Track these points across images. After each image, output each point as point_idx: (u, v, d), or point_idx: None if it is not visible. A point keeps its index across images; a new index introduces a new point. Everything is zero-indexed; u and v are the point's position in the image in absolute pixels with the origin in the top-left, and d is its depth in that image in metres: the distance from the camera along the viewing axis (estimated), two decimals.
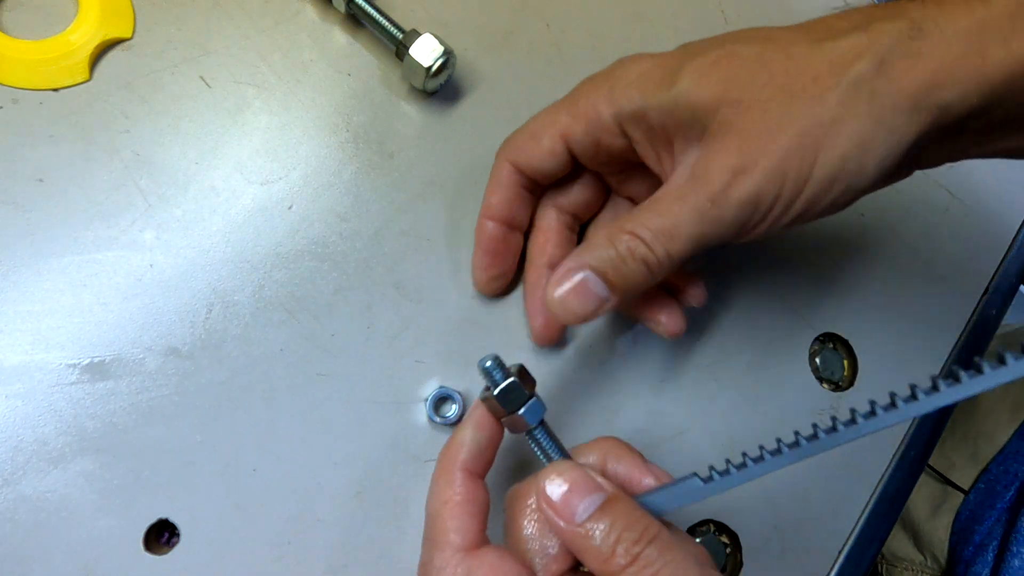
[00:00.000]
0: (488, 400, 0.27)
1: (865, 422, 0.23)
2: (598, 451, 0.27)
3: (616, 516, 0.24)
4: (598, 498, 0.24)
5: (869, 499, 0.37)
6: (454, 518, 0.25)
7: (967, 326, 0.42)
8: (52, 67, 0.33)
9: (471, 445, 0.27)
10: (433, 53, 0.35)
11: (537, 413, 0.26)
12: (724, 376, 0.37)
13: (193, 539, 0.29)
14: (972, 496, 0.52)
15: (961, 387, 0.21)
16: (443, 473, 0.26)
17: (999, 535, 0.46)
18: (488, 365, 0.26)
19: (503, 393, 0.26)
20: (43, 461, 0.29)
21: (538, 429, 0.27)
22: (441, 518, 0.25)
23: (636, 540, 0.23)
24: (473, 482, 0.26)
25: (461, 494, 0.26)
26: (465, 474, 0.26)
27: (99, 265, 0.31)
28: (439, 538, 0.25)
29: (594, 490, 0.24)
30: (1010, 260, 0.44)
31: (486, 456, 0.27)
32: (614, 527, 0.23)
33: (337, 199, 0.35)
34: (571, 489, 0.24)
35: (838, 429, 0.23)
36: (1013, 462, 0.50)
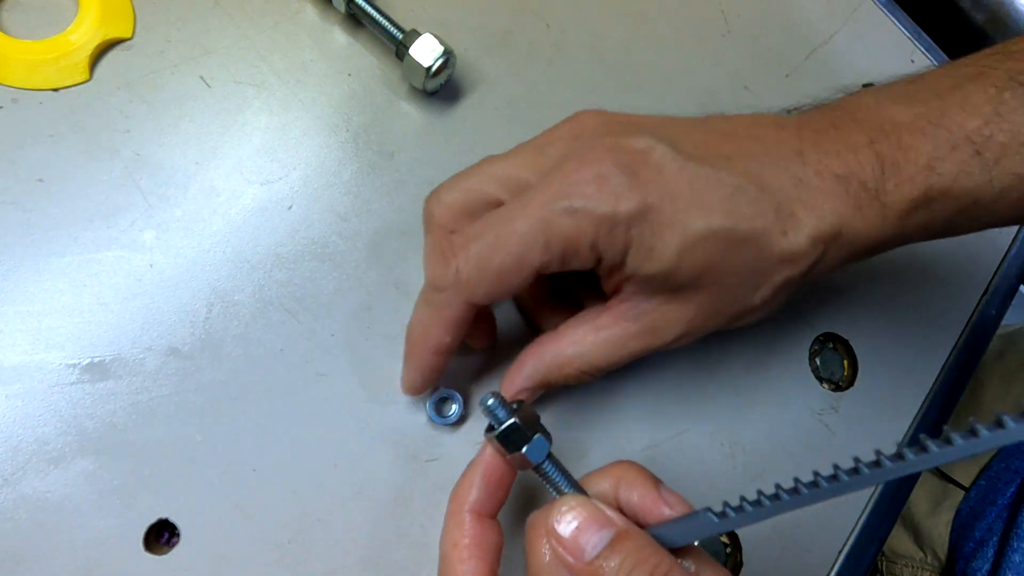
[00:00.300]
0: (492, 440, 0.27)
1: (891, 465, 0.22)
2: (611, 478, 0.27)
3: (627, 553, 0.23)
4: (608, 534, 0.24)
5: (869, 499, 0.37)
6: (462, 561, 0.25)
7: (967, 326, 0.42)
8: (52, 67, 0.33)
9: (480, 486, 0.27)
10: (433, 53, 0.35)
11: (541, 450, 0.26)
12: (724, 376, 0.37)
13: (193, 539, 0.29)
14: (973, 493, 0.52)
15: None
16: (452, 515, 0.27)
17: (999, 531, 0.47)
18: (490, 404, 0.26)
19: (504, 435, 0.26)
20: (43, 461, 0.29)
21: (545, 463, 0.26)
22: (451, 561, 0.26)
23: (651, 573, 0.23)
24: (482, 524, 0.26)
25: (470, 537, 0.26)
26: (473, 516, 0.26)
27: (99, 265, 0.31)
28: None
29: (604, 525, 0.24)
30: (1010, 260, 0.44)
31: (496, 496, 0.27)
32: (624, 564, 0.23)
33: (337, 199, 0.35)
34: (580, 526, 0.24)
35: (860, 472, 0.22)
36: (1015, 459, 0.50)
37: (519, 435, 0.26)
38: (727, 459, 0.36)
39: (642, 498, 0.26)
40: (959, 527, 0.52)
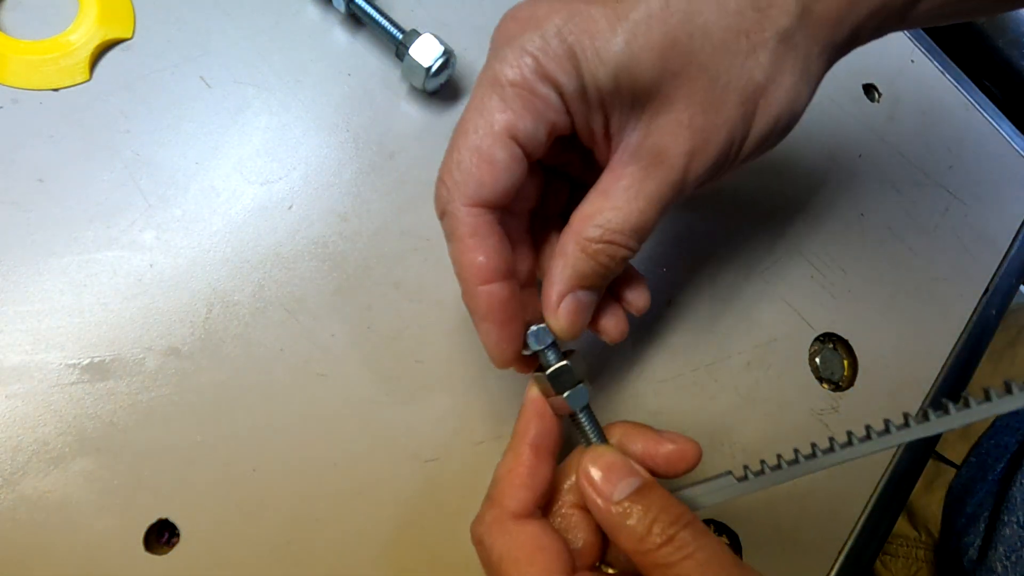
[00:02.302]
0: (540, 379, 0.28)
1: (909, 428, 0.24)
2: (614, 436, 0.29)
3: (652, 499, 0.25)
4: (635, 481, 0.25)
5: (869, 498, 0.37)
6: (512, 486, 0.26)
7: (967, 326, 0.42)
8: (52, 67, 0.33)
9: (536, 422, 0.28)
10: (433, 53, 0.35)
11: (582, 399, 0.28)
12: (724, 376, 0.37)
13: (193, 539, 0.29)
14: (964, 470, 0.52)
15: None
16: (513, 447, 0.28)
17: (990, 506, 0.47)
18: (548, 341, 0.27)
19: (554, 375, 0.27)
20: (43, 461, 0.29)
21: (583, 413, 0.28)
22: (502, 484, 0.27)
23: (672, 522, 0.24)
24: (538, 458, 0.27)
25: (525, 466, 0.27)
26: (532, 450, 0.27)
27: (99, 265, 0.31)
28: (496, 500, 0.27)
29: (632, 474, 0.26)
30: (1010, 260, 0.44)
31: (552, 434, 0.28)
32: (650, 509, 0.24)
33: (337, 199, 0.35)
34: (611, 472, 0.26)
35: (871, 437, 0.24)
36: (1004, 435, 0.51)
37: (567, 379, 0.27)
38: (727, 459, 0.36)
39: (645, 443, 0.28)
40: (951, 504, 0.52)
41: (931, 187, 0.44)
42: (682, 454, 0.27)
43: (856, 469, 0.38)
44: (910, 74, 0.47)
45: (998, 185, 0.45)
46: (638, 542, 0.24)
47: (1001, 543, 0.44)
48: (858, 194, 0.43)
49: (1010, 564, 0.43)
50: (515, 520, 0.26)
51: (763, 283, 0.39)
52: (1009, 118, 0.49)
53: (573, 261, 0.26)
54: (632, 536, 0.24)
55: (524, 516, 0.26)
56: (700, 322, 0.38)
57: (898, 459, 0.39)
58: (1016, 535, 0.43)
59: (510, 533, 0.25)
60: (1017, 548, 0.43)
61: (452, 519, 0.32)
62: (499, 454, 0.32)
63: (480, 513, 0.27)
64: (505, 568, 0.25)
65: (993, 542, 0.44)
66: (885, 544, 0.56)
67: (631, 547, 0.24)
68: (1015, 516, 0.44)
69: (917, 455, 0.39)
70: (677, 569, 0.23)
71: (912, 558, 0.55)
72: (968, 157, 0.45)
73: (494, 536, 0.26)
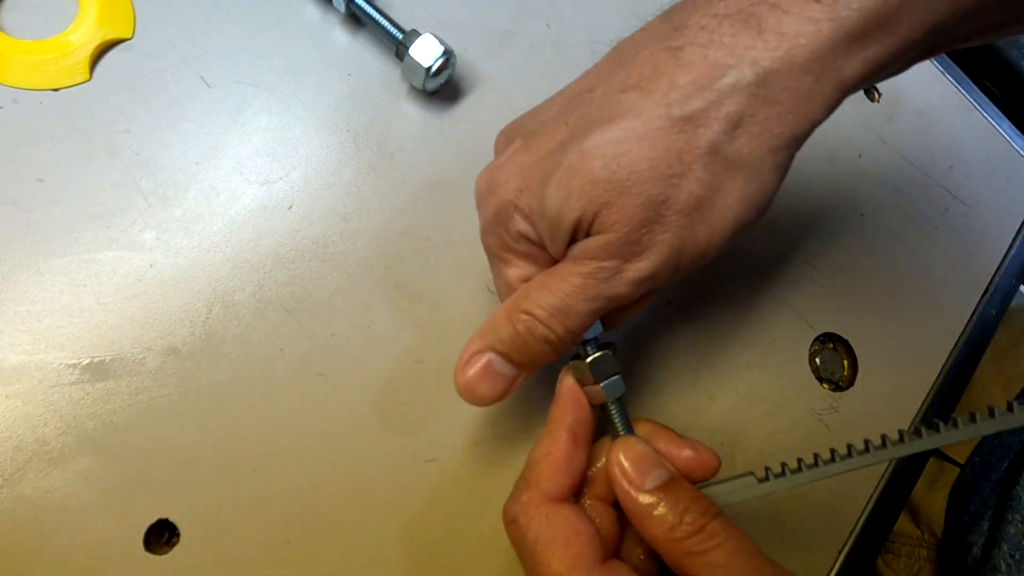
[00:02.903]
0: (577, 366, 0.28)
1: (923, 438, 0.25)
2: (640, 432, 0.29)
3: (682, 491, 0.25)
4: (664, 474, 0.26)
5: (870, 496, 0.37)
6: (550, 469, 0.27)
7: (967, 326, 0.42)
8: (52, 67, 0.33)
9: (573, 408, 0.28)
10: (433, 53, 0.35)
11: (617, 389, 0.28)
12: (724, 376, 0.37)
13: (193, 539, 0.29)
14: (967, 469, 0.52)
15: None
16: (550, 431, 0.28)
17: (994, 505, 0.47)
18: (587, 334, 0.27)
19: (594, 362, 0.28)
20: (43, 461, 0.29)
21: (615, 404, 0.28)
22: (539, 467, 0.27)
23: (702, 513, 0.25)
24: (575, 444, 0.28)
25: (562, 451, 0.27)
26: (570, 435, 0.28)
27: (99, 265, 0.31)
28: (532, 482, 0.27)
29: (661, 466, 0.26)
30: (1010, 260, 0.44)
31: (589, 423, 0.28)
32: (681, 499, 0.25)
33: (337, 199, 0.35)
34: (641, 460, 0.26)
35: (886, 446, 0.26)
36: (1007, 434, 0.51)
37: (605, 368, 0.28)
38: (727, 459, 0.36)
39: (667, 444, 0.28)
40: (954, 503, 0.52)
41: (931, 187, 0.44)
42: (701, 462, 0.28)
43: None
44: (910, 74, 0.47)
45: (998, 185, 0.45)
46: (669, 530, 0.24)
47: (1005, 541, 0.44)
48: (858, 194, 0.43)
49: (1014, 563, 0.42)
50: (551, 503, 0.26)
51: (763, 283, 0.39)
52: (1009, 118, 0.49)
53: (494, 322, 0.27)
54: (663, 524, 0.25)
55: (561, 499, 0.26)
56: (700, 322, 0.38)
57: (898, 460, 0.39)
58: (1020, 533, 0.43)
59: (547, 515, 0.26)
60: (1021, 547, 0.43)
61: (452, 519, 0.32)
62: (499, 454, 0.32)
63: (514, 494, 0.27)
64: (540, 549, 0.25)
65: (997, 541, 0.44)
66: (888, 543, 0.56)
67: (661, 535, 0.25)
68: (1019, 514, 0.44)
69: (917, 456, 0.39)
70: (707, 557, 0.24)
71: (915, 557, 0.55)
72: (968, 157, 0.45)
73: (530, 516, 0.26)
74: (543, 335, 0.26)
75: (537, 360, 0.27)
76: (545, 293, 0.26)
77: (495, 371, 0.27)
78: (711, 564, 0.24)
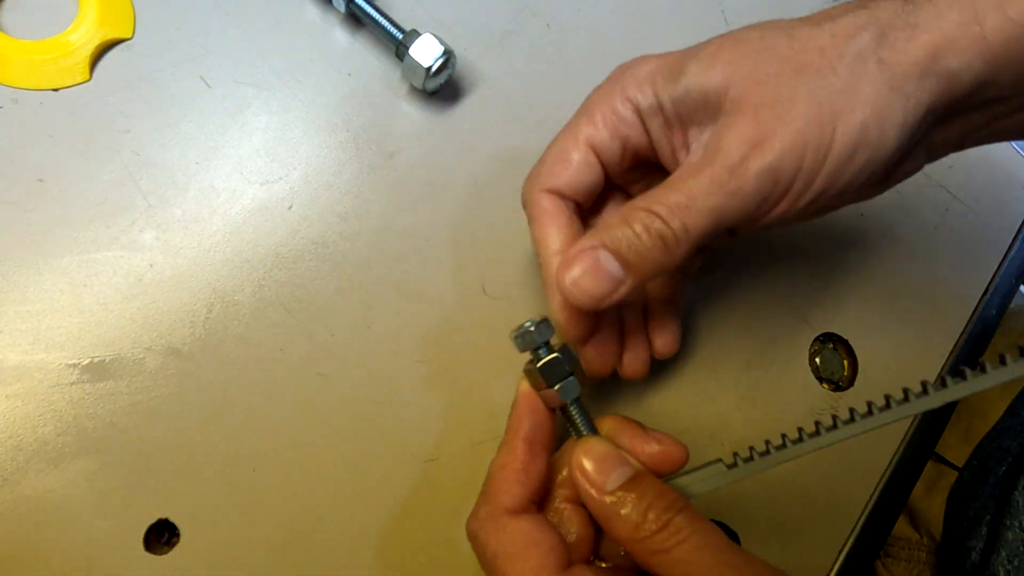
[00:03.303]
0: (530, 372, 0.28)
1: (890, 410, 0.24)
2: (603, 430, 0.29)
3: (646, 488, 0.25)
4: (628, 471, 0.26)
5: (869, 499, 0.37)
6: (506, 481, 0.27)
7: (967, 326, 0.42)
8: (52, 67, 0.33)
9: (528, 416, 0.28)
10: (433, 53, 0.35)
11: (573, 390, 0.28)
12: (724, 376, 0.37)
13: (193, 539, 0.29)
14: (966, 473, 0.52)
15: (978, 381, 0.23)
16: (506, 442, 0.28)
17: (992, 509, 0.47)
18: (533, 330, 0.27)
19: (545, 367, 0.27)
20: (43, 461, 0.29)
21: (574, 405, 0.28)
22: (496, 480, 0.27)
23: (666, 508, 0.24)
24: (532, 453, 0.27)
25: (518, 461, 0.27)
26: (526, 444, 0.27)
27: (99, 265, 0.31)
28: (490, 495, 0.27)
29: (624, 464, 0.26)
30: (1010, 260, 0.44)
31: (544, 427, 0.28)
32: (644, 497, 0.25)
33: (337, 199, 0.35)
34: (604, 462, 0.26)
35: (855, 419, 0.25)
36: (1005, 438, 0.51)
37: (558, 370, 0.27)
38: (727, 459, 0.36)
39: (632, 439, 0.28)
40: (953, 507, 0.52)
41: (931, 187, 0.44)
42: (667, 455, 0.27)
43: (856, 469, 0.38)
44: None
45: (998, 185, 0.45)
46: (633, 530, 0.24)
47: (1004, 547, 0.43)
48: None
49: (1012, 569, 0.42)
50: (509, 516, 0.26)
51: (763, 283, 0.39)
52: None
53: (609, 223, 0.26)
54: (627, 524, 0.24)
55: (518, 511, 0.26)
56: (700, 322, 0.38)
57: (898, 459, 0.39)
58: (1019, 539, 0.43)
59: (504, 529, 0.25)
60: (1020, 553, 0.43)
61: (451, 519, 0.32)
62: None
63: (475, 509, 0.27)
64: (500, 564, 0.25)
65: (995, 546, 0.44)
66: (886, 546, 0.56)
67: (626, 536, 0.24)
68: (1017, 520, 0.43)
69: (917, 455, 0.39)
70: (673, 554, 0.23)
71: (914, 561, 0.55)
72: (968, 157, 0.45)
73: (488, 532, 0.26)
74: (659, 231, 0.25)
75: (648, 263, 0.26)
76: (667, 190, 0.26)
77: (603, 268, 0.25)
78: (676, 561, 0.23)
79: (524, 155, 0.38)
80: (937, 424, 0.40)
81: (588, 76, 0.40)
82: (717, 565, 0.23)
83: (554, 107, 0.39)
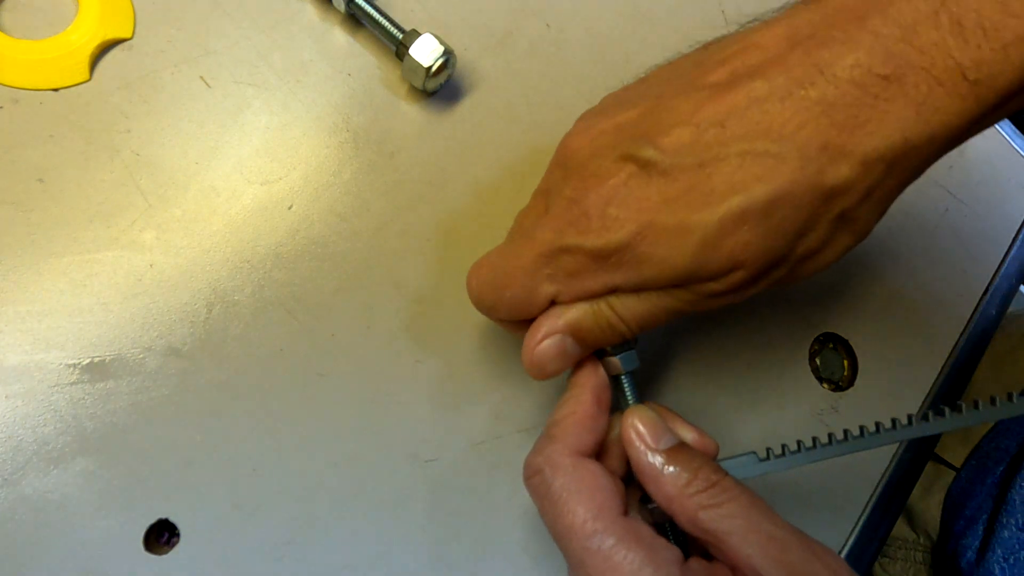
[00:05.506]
0: None
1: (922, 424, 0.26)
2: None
3: (693, 452, 0.26)
4: (674, 439, 0.27)
5: (869, 500, 0.37)
6: (576, 425, 0.28)
7: (967, 326, 0.42)
8: (52, 67, 0.33)
9: (597, 378, 0.29)
10: (433, 53, 0.35)
11: (632, 361, 0.29)
12: (724, 376, 0.37)
13: (193, 539, 0.29)
14: (963, 473, 0.52)
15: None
16: (574, 394, 0.29)
17: (989, 509, 0.47)
18: None
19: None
20: (43, 461, 0.29)
21: (627, 377, 0.29)
22: (564, 424, 0.28)
23: (715, 471, 0.26)
24: (598, 406, 0.28)
25: (587, 410, 0.28)
26: (593, 396, 0.29)
27: (99, 265, 0.31)
28: (556, 436, 0.27)
29: (670, 433, 0.27)
30: (1010, 260, 0.44)
31: (608, 391, 0.29)
32: (694, 459, 0.26)
33: (337, 199, 0.35)
34: (655, 425, 0.27)
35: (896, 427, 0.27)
36: (1004, 438, 0.51)
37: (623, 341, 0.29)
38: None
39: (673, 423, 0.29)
40: (950, 506, 0.52)
41: (931, 187, 0.44)
42: (703, 444, 0.29)
43: (855, 470, 0.38)
44: None
45: (998, 185, 0.45)
46: (684, 486, 0.25)
47: (999, 545, 0.44)
48: None
49: (1008, 566, 0.43)
50: (575, 456, 0.27)
51: None
52: (1010, 119, 0.49)
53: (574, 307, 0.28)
54: (677, 481, 0.25)
55: (584, 454, 0.27)
56: (699, 323, 0.38)
57: (897, 461, 0.39)
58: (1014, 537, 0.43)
59: (574, 467, 0.26)
60: (1015, 551, 0.43)
61: (452, 519, 0.32)
62: (499, 454, 0.32)
63: (537, 447, 0.28)
64: (566, 499, 0.26)
65: (991, 544, 0.44)
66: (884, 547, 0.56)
67: (675, 492, 0.25)
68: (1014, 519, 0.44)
69: (916, 457, 0.39)
70: (723, 508, 0.24)
71: (911, 561, 0.55)
72: (968, 157, 0.45)
73: (556, 467, 0.26)
74: (622, 332, 0.28)
75: (602, 346, 0.29)
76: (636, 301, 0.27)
77: (566, 352, 0.28)
78: (727, 515, 0.24)
79: (524, 155, 0.38)
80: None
81: (588, 76, 0.41)
82: (764, 521, 0.24)
83: (554, 107, 0.39)
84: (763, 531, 0.24)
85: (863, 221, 0.25)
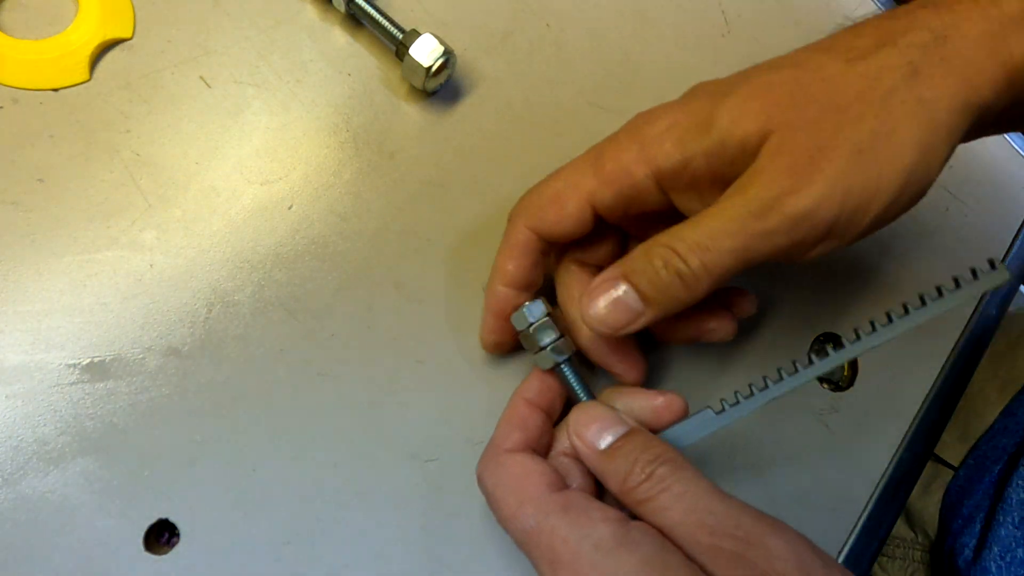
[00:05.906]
0: (525, 337, 0.30)
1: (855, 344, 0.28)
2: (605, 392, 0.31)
3: (635, 443, 0.27)
4: (621, 429, 0.27)
5: (868, 499, 0.37)
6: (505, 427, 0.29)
7: (967, 326, 0.42)
8: (52, 67, 0.33)
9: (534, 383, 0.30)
10: (433, 53, 0.35)
11: (565, 350, 0.30)
12: (724, 376, 0.37)
13: (193, 539, 0.29)
14: (962, 472, 0.53)
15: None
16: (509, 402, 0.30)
17: (986, 507, 0.47)
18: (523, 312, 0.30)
19: (536, 329, 0.30)
20: (43, 461, 0.29)
21: (566, 365, 0.30)
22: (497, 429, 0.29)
23: (651, 460, 0.26)
24: (530, 409, 0.29)
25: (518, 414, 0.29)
26: (524, 402, 0.30)
27: (99, 265, 0.31)
28: (492, 442, 0.29)
29: (617, 423, 0.27)
30: (1010, 260, 0.44)
31: (547, 394, 0.30)
32: (632, 451, 0.26)
33: (337, 199, 0.35)
34: (597, 421, 0.28)
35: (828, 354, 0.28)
36: (1002, 437, 0.51)
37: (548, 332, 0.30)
38: (727, 460, 0.36)
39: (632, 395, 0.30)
40: (948, 505, 0.53)
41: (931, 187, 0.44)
42: (669, 404, 0.29)
43: (855, 470, 0.38)
44: None
45: (998, 185, 0.45)
46: (622, 482, 0.26)
47: (996, 543, 0.44)
48: None
49: (1004, 564, 0.43)
50: (505, 453, 0.28)
51: (763, 283, 0.39)
52: None
53: (631, 256, 0.27)
54: (617, 477, 0.26)
55: (515, 451, 0.28)
56: None
57: (898, 460, 0.39)
58: (1011, 535, 0.43)
59: (500, 464, 0.27)
60: (1011, 548, 0.43)
61: (452, 519, 0.32)
62: None
63: (480, 456, 0.29)
64: (499, 495, 0.27)
65: (988, 542, 0.44)
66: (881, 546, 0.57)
67: (616, 489, 0.26)
68: (1010, 517, 0.44)
69: (917, 456, 0.39)
70: (655, 502, 0.25)
71: (909, 559, 0.55)
72: (968, 157, 0.45)
73: (488, 470, 0.28)
74: (677, 268, 0.25)
75: (667, 299, 0.26)
76: (689, 227, 0.26)
77: (622, 300, 0.26)
78: (658, 508, 0.25)
79: (524, 155, 0.38)
80: (937, 425, 0.40)
81: (588, 76, 0.41)
82: (695, 511, 0.24)
83: (554, 107, 0.39)
84: (693, 521, 0.24)
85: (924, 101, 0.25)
